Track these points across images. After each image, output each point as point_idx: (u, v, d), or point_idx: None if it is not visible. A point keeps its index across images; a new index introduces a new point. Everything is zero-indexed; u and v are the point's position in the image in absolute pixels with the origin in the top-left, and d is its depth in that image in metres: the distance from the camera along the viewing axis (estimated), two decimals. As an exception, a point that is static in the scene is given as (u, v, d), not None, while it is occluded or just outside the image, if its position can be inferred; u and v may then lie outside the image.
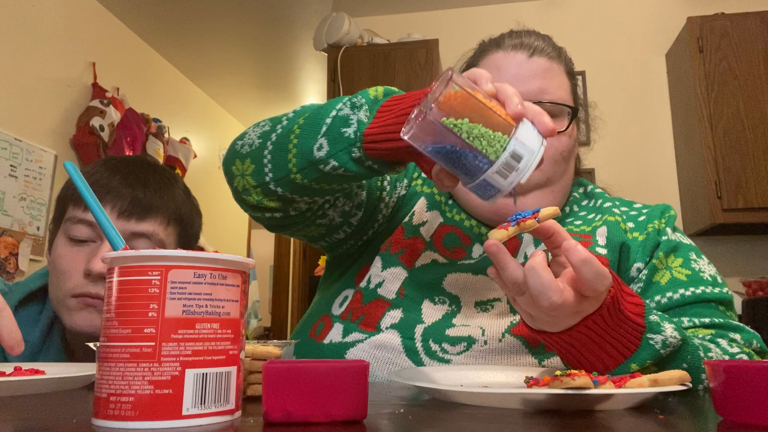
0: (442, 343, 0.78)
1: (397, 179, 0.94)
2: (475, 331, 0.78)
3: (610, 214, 0.88)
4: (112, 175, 0.91)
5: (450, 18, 3.41)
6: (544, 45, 0.89)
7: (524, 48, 0.88)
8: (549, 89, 0.86)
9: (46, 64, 2.97)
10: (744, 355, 0.72)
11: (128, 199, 0.90)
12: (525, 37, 0.90)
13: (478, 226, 0.89)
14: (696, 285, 0.79)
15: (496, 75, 0.85)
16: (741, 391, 0.41)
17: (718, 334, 0.75)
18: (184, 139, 4.11)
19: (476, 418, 0.44)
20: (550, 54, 0.88)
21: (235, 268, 0.44)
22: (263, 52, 4.05)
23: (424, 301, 0.83)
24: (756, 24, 2.78)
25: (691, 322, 0.76)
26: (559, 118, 0.86)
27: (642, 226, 0.86)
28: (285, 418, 0.41)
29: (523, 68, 0.86)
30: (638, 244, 0.84)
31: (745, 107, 2.71)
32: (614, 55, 3.23)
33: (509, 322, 0.78)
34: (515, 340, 0.76)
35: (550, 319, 0.58)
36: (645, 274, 0.82)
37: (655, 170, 3.06)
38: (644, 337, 0.60)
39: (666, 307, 0.79)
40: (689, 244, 0.87)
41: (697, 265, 0.82)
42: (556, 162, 0.85)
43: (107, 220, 0.51)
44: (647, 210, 0.90)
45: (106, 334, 0.41)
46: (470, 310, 0.82)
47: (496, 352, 0.77)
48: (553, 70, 0.88)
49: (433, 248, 0.87)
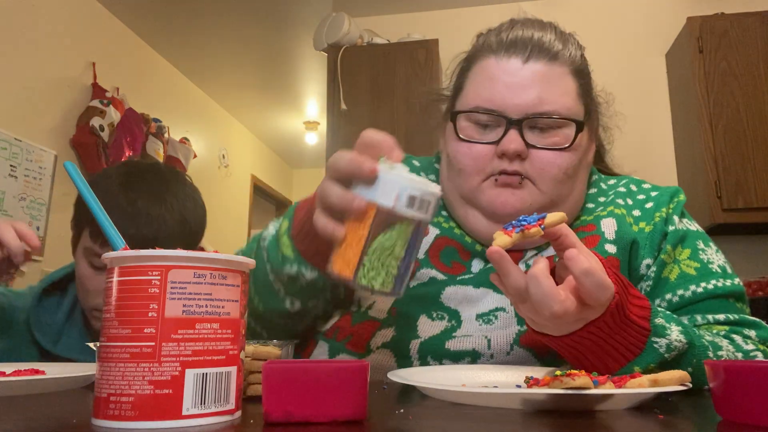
0: (442, 360, 0.73)
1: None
2: (480, 343, 0.73)
3: (616, 206, 0.82)
4: (114, 210, 0.95)
5: (450, 18, 3.41)
6: (545, 40, 0.79)
7: (519, 50, 0.78)
8: (549, 98, 0.76)
9: (46, 64, 2.97)
10: (759, 353, 0.70)
11: (140, 241, 0.92)
12: (523, 30, 0.80)
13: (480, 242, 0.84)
14: (707, 279, 0.76)
15: (487, 86, 0.79)
16: (741, 391, 0.41)
17: (733, 330, 0.73)
18: (184, 139, 4.11)
19: (476, 418, 0.44)
20: (550, 53, 0.78)
21: (235, 268, 0.44)
22: (263, 52, 4.05)
23: (421, 317, 0.76)
24: (756, 24, 2.78)
25: (704, 319, 0.74)
26: (562, 129, 0.77)
27: (649, 214, 0.81)
28: (285, 418, 0.40)
29: (517, 76, 0.77)
30: (645, 237, 0.79)
31: (745, 107, 2.71)
32: (614, 55, 3.22)
33: (516, 331, 0.73)
34: (524, 351, 0.72)
35: (552, 325, 0.57)
36: (654, 270, 0.78)
37: (655, 170, 3.06)
38: (649, 340, 0.59)
39: (678, 306, 0.76)
40: (696, 231, 0.82)
41: (705, 256, 0.79)
42: (560, 182, 0.77)
43: (107, 221, 0.51)
44: (656, 194, 0.84)
45: (106, 334, 0.41)
46: (472, 324, 0.75)
47: (504, 365, 0.72)
48: (553, 75, 0.78)
49: (430, 265, 0.81)
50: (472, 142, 0.79)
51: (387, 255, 0.53)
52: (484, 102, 0.79)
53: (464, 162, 0.79)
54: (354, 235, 0.54)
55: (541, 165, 0.76)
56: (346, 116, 3.02)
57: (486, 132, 0.79)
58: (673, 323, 0.62)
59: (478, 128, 0.80)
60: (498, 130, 0.78)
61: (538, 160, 0.76)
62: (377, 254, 0.53)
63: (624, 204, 0.84)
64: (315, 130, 5.39)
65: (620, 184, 0.89)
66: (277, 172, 6.35)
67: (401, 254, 0.54)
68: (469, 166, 0.79)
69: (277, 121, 5.38)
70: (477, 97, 0.80)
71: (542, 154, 0.77)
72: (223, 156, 4.99)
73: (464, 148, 0.79)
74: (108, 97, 3.23)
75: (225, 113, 5.12)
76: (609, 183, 0.90)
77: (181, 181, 1.05)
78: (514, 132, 0.76)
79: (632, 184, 0.88)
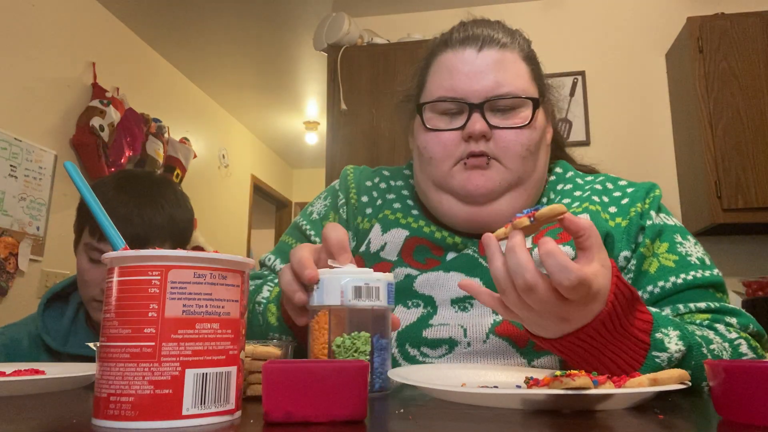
0: (420, 347, 0.76)
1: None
2: (456, 332, 0.75)
3: (591, 203, 0.84)
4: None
5: (450, 18, 3.38)
6: (494, 33, 0.86)
7: (472, 42, 0.85)
8: (505, 81, 0.83)
9: (46, 64, 2.97)
10: (742, 340, 0.71)
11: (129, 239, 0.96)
12: (473, 28, 0.87)
13: (451, 236, 0.86)
14: (686, 271, 0.77)
15: (447, 77, 0.85)
16: (741, 391, 0.41)
17: (714, 318, 0.74)
18: (184, 139, 4.11)
19: (476, 418, 0.44)
20: (501, 42, 0.85)
21: (235, 268, 0.44)
22: (263, 52, 4.05)
23: (397, 307, 0.80)
24: (756, 24, 2.78)
25: (687, 308, 0.75)
26: (521, 110, 0.83)
27: (625, 209, 0.83)
28: (285, 418, 0.40)
29: (474, 65, 0.84)
30: (621, 231, 0.81)
31: (745, 107, 2.71)
32: (614, 55, 3.22)
33: (492, 321, 0.75)
34: (501, 340, 0.74)
35: (535, 319, 0.57)
36: (634, 263, 0.79)
37: (655, 170, 3.06)
38: (649, 354, 0.60)
39: (659, 297, 0.77)
40: (674, 225, 0.84)
41: (683, 248, 0.80)
42: (524, 158, 0.82)
43: (107, 221, 0.51)
44: (631, 190, 0.86)
45: (106, 334, 0.41)
46: (447, 310, 0.78)
47: (481, 353, 0.74)
48: (506, 60, 0.84)
49: (404, 264, 0.84)
50: (439, 131, 0.85)
51: (353, 351, 0.56)
52: (447, 92, 0.85)
53: (434, 150, 0.85)
54: (319, 333, 0.58)
55: (504, 144, 0.82)
56: (346, 116, 3.02)
57: (451, 120, 0.85)
58: (671, 328, 0.62)
59: (443, 118, 0.86)
60: (462, 117, 0.84)
61: (501, 139, 0.82)
62: (343, 350, 0.56)
63: (599, 201, 0.86)
64: (315, 130, 5.39)
65: (596, 181, 0.91)
66: (277, 172, 6.36)
67: (366, 348, 0.57)
68: (439, 153, 0.84)
69: (277, 121, 5.38)
70: (439, 88, 0.86)
71: (505, 133, 0.83)
72: (223, 156, 4.99)
73: (432, 137, 0.85)
74: (108, 97, 3.23)
75: (225, 113, 5.12)
76: (586, 179, 0.92)
77: (171, 187, 1.16)
78: (477, 115, 0.82)
79: (608, 182, 0.90)
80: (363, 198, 0.95)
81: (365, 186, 0.97)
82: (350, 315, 0.57)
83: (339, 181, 1.00)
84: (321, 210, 0.97)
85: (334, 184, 1.01)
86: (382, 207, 0.93)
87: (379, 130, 2.99)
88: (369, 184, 0.97)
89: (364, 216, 0.93)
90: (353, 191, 0.96)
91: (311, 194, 6.59)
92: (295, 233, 0.97)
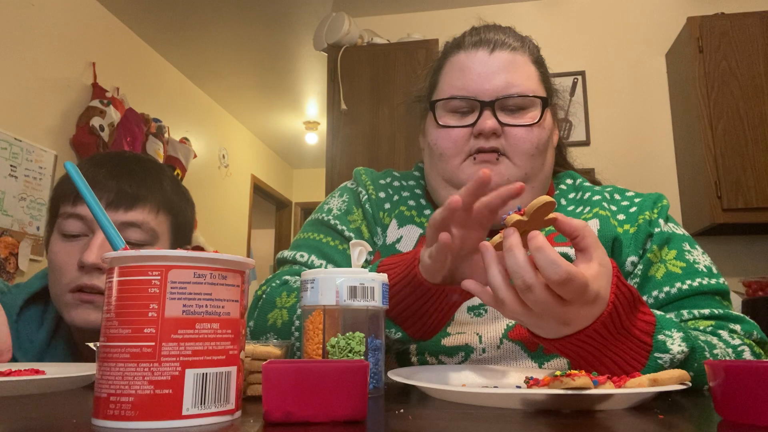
0: (439, 355, 0.78)
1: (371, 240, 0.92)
2: (472, 339, 0.77)
3: (601, 208, 0.86)
4: (97, 169, 0.92)
5: (450, 18, 3.41)
6: (506, 37, 0.88)
7: (485, 44, 0.88)
8: (516, 82, 0.85)
9: (46, 64, 2.97)
10: (746, 347, 0.72)
11: (114, 191, 0.90)
12: (485, 33, 0.90)
13: None
14: (692, 277, 0.79)
15: (459, 76, 0.87)
16: (741, 391, 0.41)
17: (718, 325, 0.75)
18: (184, 139, 4.11)
19: (476, 418, 0.44)
20: (512, 46, 0.88)
21: (235, 268, 0.44)
22: (263, 52, 4.05)
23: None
24: (756, 24, 2.78)
25: (690, 314, 0.76)
26: (530, 110, 0.86)
27: (633, 217, 0.85)
28: (285, 418, 0.40)
29: (486, 65, 0.86)
30: (630, 237, 0.83)
31: (744, 107, 2.71)
32: (614, 55, 3.22)
33: (505, 326, 0.77)
34: (513, 345, 0.76)
35: (534, 320, 0.57)
36: (640, 268, 0.81)
37: (655, 170, 3.06)
38: (651, 356, 0.60)
39: (664, 302, 0.78)
40: (682, 234, 0.85)
41: (691, 257, 0.82)
42: (532, 156, 0.85)
43: (107, 220, 0.51)
44: (639, 200, 0.88)
45: (106, 334, 0.41)
46: (463, 317, 0.80)
47: (495, 359, 0.76)
48: (517, 62, 0.87)
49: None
50: (451, 127, 0.87)
51: (347, 351, 0.57)
52: (459, 90, 0.87)
53: (444, 146, 0.87)
54: (313, 333, 0.58)
55: (515, 141, 0.84)
56: (346, 116, 3.02)
57: (462, 118, 0.87)
58: (674, 329, 0.62)
59: (454, 116, 0.88)
60: (473, 115, 0.86)
61: (512, 136, 0.85)
62: (337, 350, 0.56)
63: (608, 208, 0.88)
64: (315, 130, 5.40)
65: (605, 191, 0.93)
66: (277, 172, 6.36)
67: (361, 348, 0.57)
68: (449, 149, 0.86)
69: (277, 121, 5.38)
70: (451, 87, 0.88)
71: (515, 131, 0.85)
72: (223, 156, 4.99)
73: (443, 133, 0.87)
74: (108, 97, 3.24)
75: (225, 113, 5.12)
76: (594, 189, 0.94)
77: (168, 173, 1.01)
78: (488, 112, 0.84)
79: (616, 193, 0.93)
80: (380, 194, 0.96)
81: (380, 183, 0.98)
82: (345, 315, 0.57)
83: (354, 180, 1.00)
84: (341, 206, 0.96)
85: (347, 183, 1.01)
86: (398, 203, 0.94)
87: (379, 130, 2.99)
88: (383, 182, 0.99)
89: (383, 211, 0.95)
90: (371, 188, 0.96)
91: (311, 194, 6.60)
92: (321, 228, 0.94)
